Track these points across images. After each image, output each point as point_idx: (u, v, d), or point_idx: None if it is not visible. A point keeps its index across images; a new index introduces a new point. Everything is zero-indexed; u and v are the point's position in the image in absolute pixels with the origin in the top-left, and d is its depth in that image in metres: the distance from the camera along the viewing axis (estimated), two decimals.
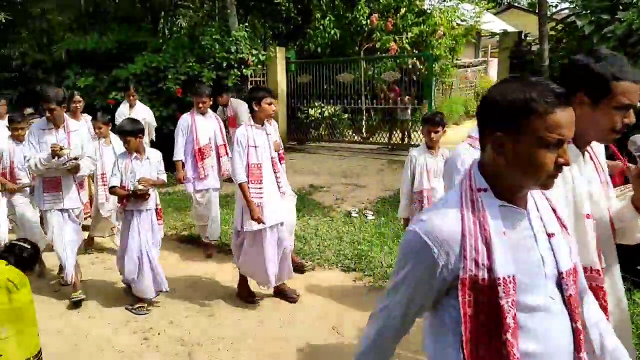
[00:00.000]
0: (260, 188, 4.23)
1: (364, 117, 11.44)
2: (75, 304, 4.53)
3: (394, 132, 11.06)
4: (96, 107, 9.51)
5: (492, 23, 18.35)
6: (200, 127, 5.74)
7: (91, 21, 12.34)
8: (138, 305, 4.45)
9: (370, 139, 11.32)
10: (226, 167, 5.86)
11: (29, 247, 3.13)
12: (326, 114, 11.35)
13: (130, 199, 4.33)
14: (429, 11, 12.60)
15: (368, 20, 11.24)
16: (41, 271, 5.26)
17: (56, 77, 11.44)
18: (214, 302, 4.60)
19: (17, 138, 5.24)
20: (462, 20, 14.28)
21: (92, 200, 5.99)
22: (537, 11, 8.06)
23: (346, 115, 11.50)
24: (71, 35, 11.45)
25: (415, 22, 11.96)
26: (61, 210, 4.58)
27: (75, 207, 4.68)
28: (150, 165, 4.49)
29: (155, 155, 4.59)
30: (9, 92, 12.18)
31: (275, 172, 4.39)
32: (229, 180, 5.59)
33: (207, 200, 5.86)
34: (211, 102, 5.92)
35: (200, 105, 5.74)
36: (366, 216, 6.78)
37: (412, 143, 10.67)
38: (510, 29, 11.43)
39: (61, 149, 4.30)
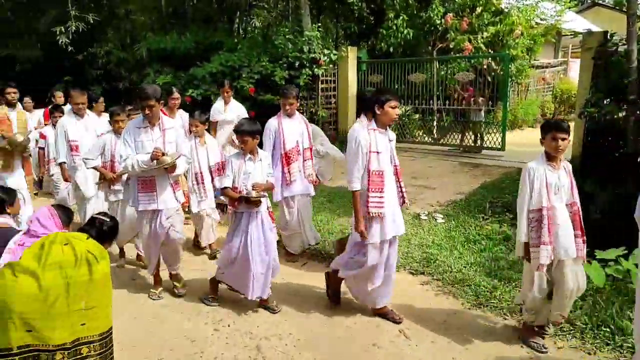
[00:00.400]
0: (381, 197, 3.90)
1: (435, 118, 11.23)
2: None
3: (466, 134, 10.78)
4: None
5: (574, 22, 17.47)
6: (287, 130, 5.46)
7: (171, 22, 12.89)
8: (210, 296, 4.56)
9: (441, 140, 11.08)
10: (309, 172, 5.61)
11: (108, 220, 3.26)
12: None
13: (242, 203, 4.18)
14: (506, 10, 12.16)
15: (442, 20, 11.01)
16: (122, 265, 5.49)
17: (137, 75, 12.04)
18: (284, 299, 4.65)
19: (117, 131, 5.24)
20: (541, 19, 13.68)
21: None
22: (625, 9, 7.59)
23: (417, 116, 11.33)
24: (152, 35, 12.00)
25: (491, 21, 11.57)
26: (154, 211, 4.50)
27: (169, 208, 4.55)
28: (262, 167, 4.35)
29: (266, 157, 4.46)
30: (94, 88, 12.95)
31: (398, 181, 4.13)
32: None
33: (296, 207, 5.58)
34: (298, 104, 5.68)
35: (288, 107, 5.46)
36: (435, 219, 6.64)
37: (485, 146, 10.36)
38: (594, 28, 10.83)
39: (163, 154, 4.24)
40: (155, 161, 4.23)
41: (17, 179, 5.89)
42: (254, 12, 13.72)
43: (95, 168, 5.33)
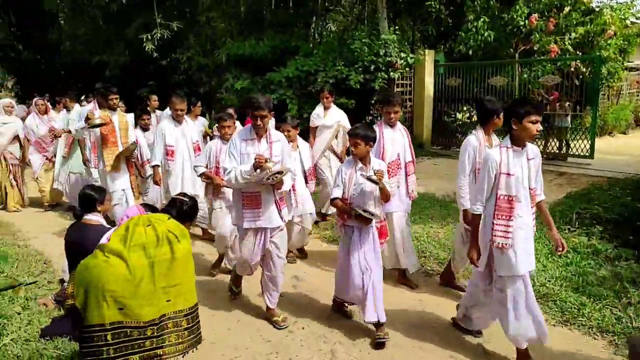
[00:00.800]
0: (508, 226, 3.40)
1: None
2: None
3: (550, 141, 10.25)
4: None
5: None
6: (388, 140, 4.84)
7: (249, 28, 13.19)
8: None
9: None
10: (412, 188, 5.05)
11: (188, 200, 3.35)
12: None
13: (352, 217, 3.91)
14: (597, 9, 11.47)
15: (526, 21, 10.53)
16: (216, 273, 5.37)
17: (217, 80, 12.43)
18: (320, 285, 4.64)
19: (224, 137, 5.18)
20: (637, 18, 12.83)
21: None
22: None
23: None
24: (231, 41, 12.33)
25: (580, 21, 10.94)
26: (258, 229, 4.14)
27: (274, 227, 4.18)
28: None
29: (379, 165, 4.08)
30: (177, 92, 13.48)
31: (532, 207, 3.53)
32: None
33: (391, 226, 4.93)
34: (401, 112, 5.11)
35: (392, 115, 4.84)
36: None
37: (571, 153, 9.81)
38: None
39: (266, 160, 3.90)
40: (258, 169, 3.88)
41: (123, 179, 6.27)
42: (330, 16, 13.78)
43: (203, 174, 5.30)
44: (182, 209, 3.28)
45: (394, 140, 4.84)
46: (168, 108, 7.51)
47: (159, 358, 2.84)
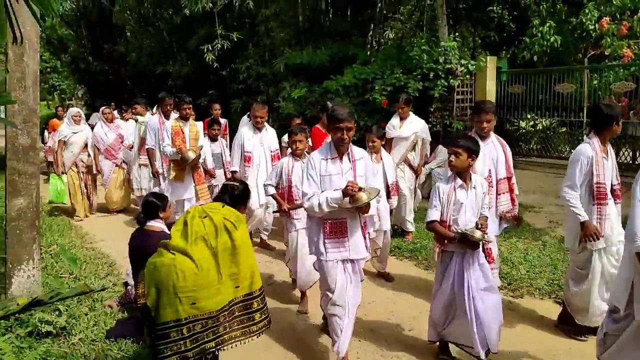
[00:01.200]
0: None
1: (585, 132, 10.27)
2: None
3: (623, 150, 9.72)
4: (307, 117, 10.19)
5: None
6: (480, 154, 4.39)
7: (307, 37, 13.30)
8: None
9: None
10: (504, 209, 4.46)
11: (239, 184, 3.40)
12: (539, 127, 10.49)
13: (454, 242, 3.49)
14: None
15: (597, 25, 10.04)
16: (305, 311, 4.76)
17: (274, 89, 12.58)
18: (417, 316, 4.48)
19: (295, 153, 4.83)
20: None
21: None
22: None
23: (564, 129, 10.47)
24: (289, 51, 12.46)
25: None
26: (344, 260, 3.60)
27: (361, 258, 3.70)
28: (476, 197, 3.60)
29: (481, 184, 3.68)
30: (235, 102, 13.79)
31: None
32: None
33: None
34: (494, 121, 4.59)
35: (485, 124, 4.35)
36: None
37: None
38: None
39: (360, 189, 3.39)
40: (348, 198, 3.38)
41: (187, 189, 6.45)
42: (388, 24, 13.68)
43: (272, 196, 4.95)
44: (234, 195, 3.31)
45: (484, 154, 4.23)
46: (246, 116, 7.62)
47: (233, 341, 2.95)
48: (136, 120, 8.45)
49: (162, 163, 6.67)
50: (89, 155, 8.43)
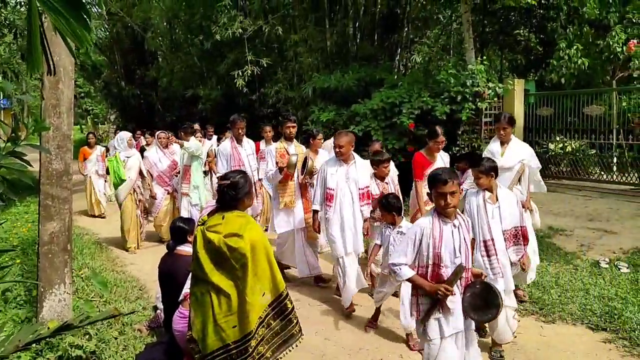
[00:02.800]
0: None
1: (615, 154, 10.09)
2: None
3: None
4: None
5: None
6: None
7: (335, 61, 13.46)
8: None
9: (623, 178, 9.89)
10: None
11: (226, 182, 3.17)
12: (568, 149, 10.35)
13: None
14: None
15: (624, 47, 9.96)
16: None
17: (303, 112, 12.71)
18: None
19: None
20: None
21: None
22: None
23: (593, 151, 10.30)
24: (317, 75, 12.62)
25: None
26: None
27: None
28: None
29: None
30: (264, 125, 13.95)
31: None
32: None
33: None
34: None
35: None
36: (619, 268, 5.90)
37: None
38: None
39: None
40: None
41: (299, 216, 5.91)
42: (415, 47, 13.76)
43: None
44: (225, 199, 3.11)
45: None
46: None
47: (278, 353, 3.06)
48: (181, 146, 7.70)
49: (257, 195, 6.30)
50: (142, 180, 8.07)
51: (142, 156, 8.84)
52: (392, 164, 5.68)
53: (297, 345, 3.11)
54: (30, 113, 28.39)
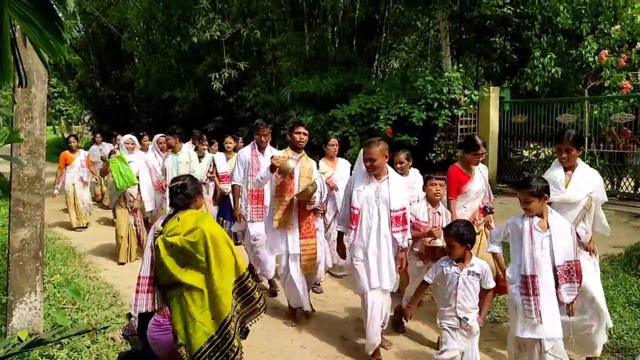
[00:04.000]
0: None
1: (587, 162, 10.29)
2: None
3: (625, 180, 9.73)
4: (314, 144, 10.26)
5: None
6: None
7: (314, 65, 13.48)
8: None
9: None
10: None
11: (177, 183, 3.35)
12: (542, 156, 10.53)
13: None
14: None
15: (596, 57, 10.19)
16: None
17: (281, 116, 12.70)
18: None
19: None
20: None
21: None
22: None
23: None
24: (296, 79, 12.63)
25: None
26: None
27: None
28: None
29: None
30: (242, 128, 13.91)
31: None
32: None
33: None
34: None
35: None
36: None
37: None
38: None
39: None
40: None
41: (295, 239, 5.00)
42: (393, 54, 13.87)
43: None
44: (178, 199, 3.32)
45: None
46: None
47: (248, 320, 3.31)
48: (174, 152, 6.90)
49: (247, 203, 5.69)
50: (138, 189, 7.25)
51: None
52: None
53: (258, 319, 3.35)
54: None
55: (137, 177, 7.18)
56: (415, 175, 5.61)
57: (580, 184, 3.93)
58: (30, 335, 4.00)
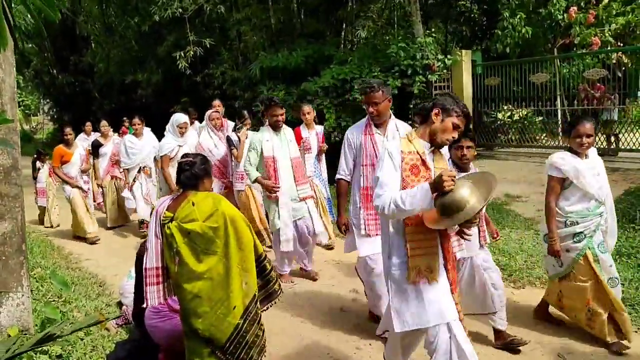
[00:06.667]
0: None
1: (560, 120, 10.42)
2: None
3: (599, 135, 9.88)
4: (288, 119, 10.07)
5: None
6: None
7: (281, 39, 13.18)
8: None
9: (567, 143, 10.22)
10: None
11: (188, 161, 3.16)
12: (516, 117, 10.61)
13: None
14: None
15: (565, 15, 10.22)
16: None
17: (251, 93, 12.42)
18: None
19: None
20: None
21: None
22: None
23: (539, 118, 10.61)
24: (264, 54, 12.32)
25: (621, 11, 10.61)
26: None
27: None
28: None
29: None
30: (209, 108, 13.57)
31: None
32: None
33: None
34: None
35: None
36: None
37: (622, 147, 9.44)
38: None
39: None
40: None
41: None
42: (360, 22, 13.65)
43: None
44: (184, 178, 3.11)
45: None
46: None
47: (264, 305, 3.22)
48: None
49: (360, 208, 4.42)
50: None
51: (97, 153, 8.35)
52: None
53: (276, 302, 3.24)
54: None
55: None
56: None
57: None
58: (20, 331, 3.81)
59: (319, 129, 6.93)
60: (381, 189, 2.67)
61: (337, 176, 4.17)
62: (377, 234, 3.69)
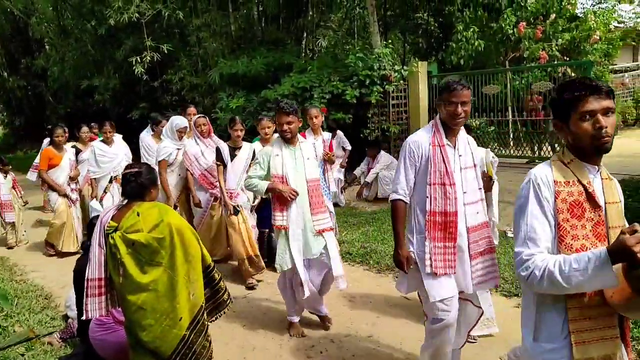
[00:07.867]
0: None
1: (510, 130, 10.78)
2: None
3: (544, 146, 10.26)
4: (247, 127, 10.05)
5: None
6: None
7: (241, 46, 13.16)
8: None
9: (518, 152, 10.60)
10: None
11: (131, 172, 3.13)
12: (471, 127, 10.88)
13: None
14: (581, 16, 11.67)
15: (515, 29, 10.63)
16: None
17: (210, 99, 12.34)
18: (374, 323, 4.53)
19: None
20: (619, 23, 13.03)
21: None
22: None
23: (492, 128, 10.93)
24: (224, 61, 12.28)
25: (566, 27, 11.12)
26: None
27: None
28: None
29: None
30: (169, 113, 13.39)
31: None
32: None
33: None
34: None
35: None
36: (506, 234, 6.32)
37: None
38: None
39: None
40: None
41: None
42: (320, 32, 13.78)
43: None
44: (130, 189, 3.09)
45: None
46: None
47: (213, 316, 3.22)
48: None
49: (428, 239, 4.42)
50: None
51: (76, 160, 7.59)
52: None
53: (225, 312, 3.25)
54: None
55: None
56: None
57: None
58: None
59: (327, 135, 6.52)
60: (526, 247, 1.86)
61: (395, 196, 3.24)
62: (445, 273, 3.03)
